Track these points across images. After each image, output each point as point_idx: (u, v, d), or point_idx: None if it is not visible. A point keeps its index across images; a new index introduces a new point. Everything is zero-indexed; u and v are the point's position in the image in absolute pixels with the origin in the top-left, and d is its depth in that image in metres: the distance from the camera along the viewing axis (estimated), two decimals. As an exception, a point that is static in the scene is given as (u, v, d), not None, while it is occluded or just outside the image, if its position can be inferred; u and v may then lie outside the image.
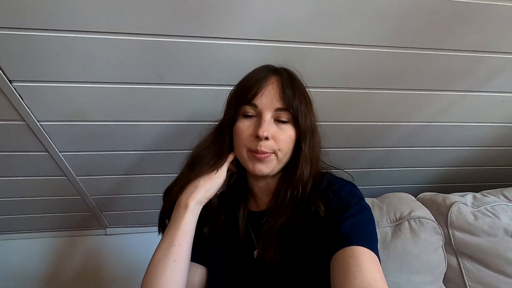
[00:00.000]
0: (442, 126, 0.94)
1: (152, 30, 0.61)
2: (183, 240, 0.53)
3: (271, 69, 0.58)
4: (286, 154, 0.56)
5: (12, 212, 1.16)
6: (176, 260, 0.52)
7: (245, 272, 0.58)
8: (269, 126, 0.53)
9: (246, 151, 0.56)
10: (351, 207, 0.52)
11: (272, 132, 0.54)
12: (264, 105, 0.54)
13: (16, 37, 0.59)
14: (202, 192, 0.56)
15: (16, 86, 0.68)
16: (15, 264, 1.31)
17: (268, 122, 0.53)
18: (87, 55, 0.64)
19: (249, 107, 0.55)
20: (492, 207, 0.84)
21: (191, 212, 0.55)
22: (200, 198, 0.56)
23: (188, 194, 0.56)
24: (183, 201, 0.56)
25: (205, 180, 0.57)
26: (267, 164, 0.55)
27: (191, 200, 0.55)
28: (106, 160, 0.93)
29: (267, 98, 0.54)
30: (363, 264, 0.44)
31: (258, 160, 0.55)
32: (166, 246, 0.53)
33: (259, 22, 0.62)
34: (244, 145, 0.56)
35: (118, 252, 1.36)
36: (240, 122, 0.56)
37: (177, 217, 0.55)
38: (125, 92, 0.72)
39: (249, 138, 0.55)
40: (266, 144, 0.53)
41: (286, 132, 0.55)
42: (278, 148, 0.55)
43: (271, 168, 0.56)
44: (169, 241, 0.53)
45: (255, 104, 0.54)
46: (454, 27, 0.67)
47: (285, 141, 0.55)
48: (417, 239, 0.77)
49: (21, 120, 0.75)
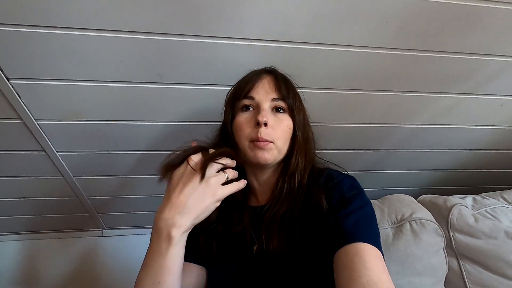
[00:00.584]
0: (442, 128, 0.94)
1: (152, 28, 0.61)
2: (169, 277, 0.45)
3: (264, 69, 0.61)
4: (285, 143, 0.57)
5: (6, 213, 1.14)
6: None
7: (245, 268, 0.57)
8: (267, 113, 0.55)
9: (248, 142, 0.56)
10: (353, 202, 0.52)
11: (271, 121, 0.55)
12: (261, 96, 0.56)
13: (14, 34, 0.58)
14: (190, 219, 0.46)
15: (14, 84, 0.67)
16: (10, 266, 1.29)
17: (266, 109, 0.55)
18: (87, 53, 0.63)
19: (247, 100, 0.56)
20: (493, 209, 0.84)
21: (176, 246, 0.46)
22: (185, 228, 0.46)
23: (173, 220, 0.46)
24: (164, 230, 0.46)
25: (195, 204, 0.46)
26: (268, 152, 0.55)
27: (172, 228, 0.45)
28: (104, 160, 0.92)
29: (263, 89, 0.56)
30: (368, 262, 0.43)
31: (259, 148, 0.54)
32: (149, 284, 0.45)
33: (260, 23, 0.62)
34: (245, 136, 0.55)
35: (114, 254, 1.34)
36: (239, 116, 0.57)
37: (158, 251, 0.46)
38: (124, 91, 0.72)
39: (249, 128, 0.55)
40: (265, 132, 0.54)
41: (284, 121, 0.56)
42: (277, 137, 0.55)
43: (273, 156, 0.55)
44: (153, 278, 0.45)
45: (252, 96, 0.56)
46: (455, 30, 0.67)
47: (283, 129, 0.56)
48: (419, 241, 0.77)
49: (18, 118, 0.74)
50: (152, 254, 0.46)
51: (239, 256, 0.58)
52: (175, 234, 0.45)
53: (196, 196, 0.47)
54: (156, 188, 1.07)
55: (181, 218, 0.46)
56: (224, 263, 0.59)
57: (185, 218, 0.46)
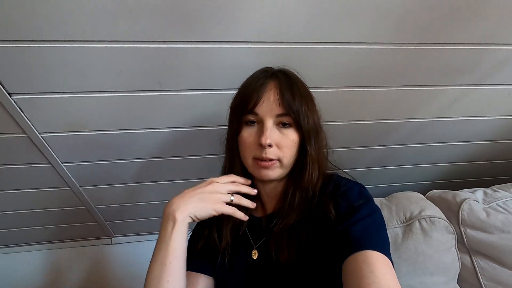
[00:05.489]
0: (448, 121, 0.93)
1: (149, 37, 0.61)
2: (174, 259, 0.51)
3: (269, 74, 0.58)
4: (291, 159, 0.56)
5: (16, 225, 1.16)
6: (169, 280, 0.50)
7: (248, 275, 0.57)
8: (271, 133, 0.54)
9: (252, 159, 0.56)
10: (361, 210, 0.51)
11: (275, 139, 0.54)
12: (264, 112, 0.54)
13: (12, 50, 0.58)
14: (191, 208, 0.53)
15: (16, 99, 0.67)
16: (21, 276, 1.31)
17: (270, 129, 0.54)
18: (86, 64, 0.63)
19: (251, 115, 0.56)
20: (504, 202, 0.82)
21: (178, 228, 0.52)
22: (188, 213, 0.53)
23: (177, 203, 0.53)
24: (171, 213, 0.53)
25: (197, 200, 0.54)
26: (273, 170, 0.56)
27: (177, 213, 0.52)
28: (109, 170, 0.93)
29: (267, 104, 0.54)
30: (377, 270, 0.42)
31: (263, 167, 0.55)
32: (158, 267, 0.51)
33: (257, 24, 0.61)
34: (249, 153, 0.56)
35: (123, 261, 1.36)
36: (244, 131, 0.57)
37: (165, 232, 0.52)
38: (125, 100, 0.72)
39: (253, 146, 0.55)
40: (270, 151, 0.54)
41: (289, 137, 0.55)
42: (283, 155, 0.55)
43: (278, 174, 0.56)
44: (160, 261, 0.51)
45: (256, 112, 0.55)
46: (457, 20, 0.66)
47: (289, 146, 0.55)
48: (429, 239, 0.75)
49: (23, 132, 0.75)
50: (160, 241, 0.53)
51: (241, 264, 0.59)
52: (178, 216, 0.52)
53: (200, 197, 0.54)
54: (161, 194, 1.08)
55: (185, 205, 0.53)
56: (229, 271, 0.60)
57: (188, 206, 0.53)
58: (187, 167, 0.96)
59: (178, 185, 1.04)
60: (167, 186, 1.04)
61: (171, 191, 1.07)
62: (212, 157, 0.92)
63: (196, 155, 0.92)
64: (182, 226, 0.52)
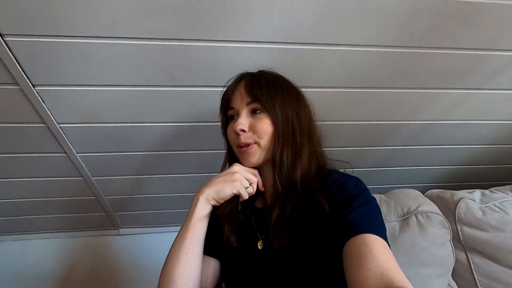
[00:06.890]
0: (449, 124, 0.94)
1: (165, 34, 0.64)
2: (193, 234, 0.58)
3: (244, 74, 0.64)
4: (268, 140, 0.59)
5: (28, 213, 1.20)
6: (187, 252, 0.57)
7: (252, 264, 0.60)
8: (242, 120, 0.59)
9: (237, 149, 0.62)
10: (359, 198, 0.53)
11: (248, 124, 0.59)
12: (238, 104, 0.61)
13: (37, 44, 0.62)
14: (211, 191, 0.59)
15: (39, 90, 0.71)
16: (31, 264, 1.34)
17: (242, 116, 0.59)
18: (104, 59, 0.67)
19: (230, 110, 0.63)
20: (501, 203, 0.84)
21: (199, 207, 0.59)
22: (207, 196, 0.59)
23: (201, 189, 0.60)
24: (196, 195, 0.60)
25: (219, 182, 0.60)
26: (253, 154, 0.60)
27: (200, 195, 0.60)
28: (121, 161, 0.96)
29: (239, 97, 0.60)
30: (376, 250, 0.45)
31: (244, 153, 0.60)
32: (179, 240, 0.58)
33: (267, 25, 0.64)
34: (234, 143, 0.62)
35: (130, 252, 1.38)
36: (228, 126, 0.63)
37: (190, 210, 0.60)
38: (140, 94, 0.75)
39: (234, 136, 0.61)
40: (246, 136, 0.59)
41: (262, 120, 0.59)
42: (258, 137, 0.59)
43: (257, 156, 0.60)
44: (182, 235, 0.58)
45: (232, 106, 0.61)
46: (459, 25, 0.67)
47: (262, 128, 0.59)
48: (425, 233, 0.78)
49: (42, 122, 0.79)
50: (185, 220, 0.60)
51: (246, 253, 0.62)
52: (200, 197, 0.59)
53: (223, 179, 0.60)
54: (171, 187, 1.11)
55: (208, 189, 0.59)
56: (235, 258, 0.63)
57: (210, 190, 0.59)
58: (195, 160, 0.99)
59: (186, 179, 1.07)
60: (174, 179, 1.07)
61: (178, 185, 1.10)
62: (219, 152, 0.94)
63: (204, 150, 0.95)
64: (202, 205, 0.59)
